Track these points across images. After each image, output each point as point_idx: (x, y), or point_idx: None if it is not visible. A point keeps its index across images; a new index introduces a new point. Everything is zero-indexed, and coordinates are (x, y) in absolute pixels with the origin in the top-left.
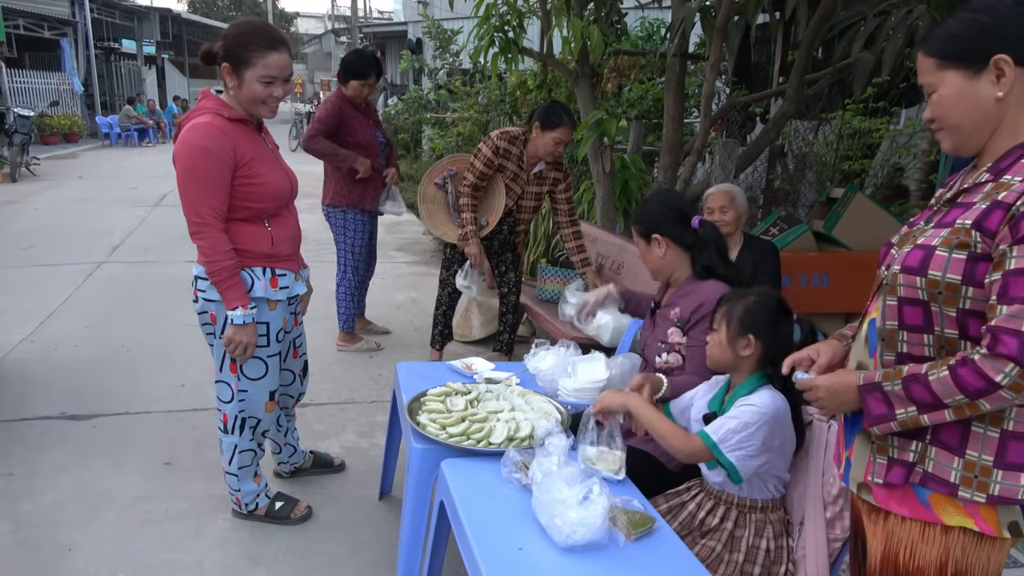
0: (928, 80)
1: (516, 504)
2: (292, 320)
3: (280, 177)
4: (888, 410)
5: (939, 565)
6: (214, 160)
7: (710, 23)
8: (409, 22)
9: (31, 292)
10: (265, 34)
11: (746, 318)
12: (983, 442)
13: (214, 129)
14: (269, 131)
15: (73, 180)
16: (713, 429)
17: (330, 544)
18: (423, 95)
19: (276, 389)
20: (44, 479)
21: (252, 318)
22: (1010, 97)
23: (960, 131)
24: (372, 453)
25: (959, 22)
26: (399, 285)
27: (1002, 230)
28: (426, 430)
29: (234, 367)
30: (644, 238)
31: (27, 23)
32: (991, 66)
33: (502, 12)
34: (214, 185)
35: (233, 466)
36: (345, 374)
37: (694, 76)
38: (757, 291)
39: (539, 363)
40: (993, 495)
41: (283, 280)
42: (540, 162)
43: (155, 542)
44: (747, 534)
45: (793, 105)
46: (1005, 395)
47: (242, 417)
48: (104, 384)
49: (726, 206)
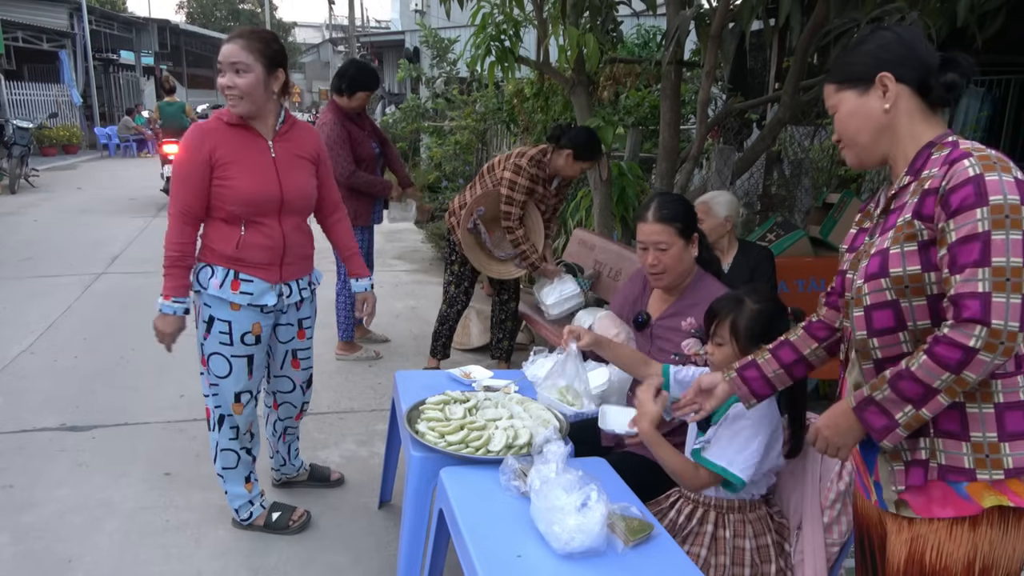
0: (831, 103)
1: (515, 511)
2: (274, 329)
3: (259, 184)
4: (888, 419)
5: (967, 562)
6: (188, 158)
7: (705, 30)
8: (406, 31)
9: (30, 304)
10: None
11: (756, 328)
12: (982, 421)
13: (198, 130)
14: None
15: (72, 191)
16: (716, 454)
17: (330, 554)
18: (421, 104)
19: (243, 392)
20: (44, 491)
21: (175, 311)
22: (896, 109)
23: (858, 143)
24: (371, 462)
25: (852, 53)
26: (398, 294)
27: (937, 211)
28: (425, 438)
29: (204, 360)
30: (685, 237)
31: (26, 35)
32: (877, 83)
33: (498, 21)
34: (182, 180)
35: (217, 465)
36: (344, 383)
37: (690, 83)
38: (749, 295)
39: (537, 371)
40: (1009, 468)
41: (247, 286)
42: (557, 177)
43: (155, 553)
44: (727, 535)
45: (788, 111)
46: (983, 358)
47: (219, 412)
48: (104, 395)
49: (701, 217)
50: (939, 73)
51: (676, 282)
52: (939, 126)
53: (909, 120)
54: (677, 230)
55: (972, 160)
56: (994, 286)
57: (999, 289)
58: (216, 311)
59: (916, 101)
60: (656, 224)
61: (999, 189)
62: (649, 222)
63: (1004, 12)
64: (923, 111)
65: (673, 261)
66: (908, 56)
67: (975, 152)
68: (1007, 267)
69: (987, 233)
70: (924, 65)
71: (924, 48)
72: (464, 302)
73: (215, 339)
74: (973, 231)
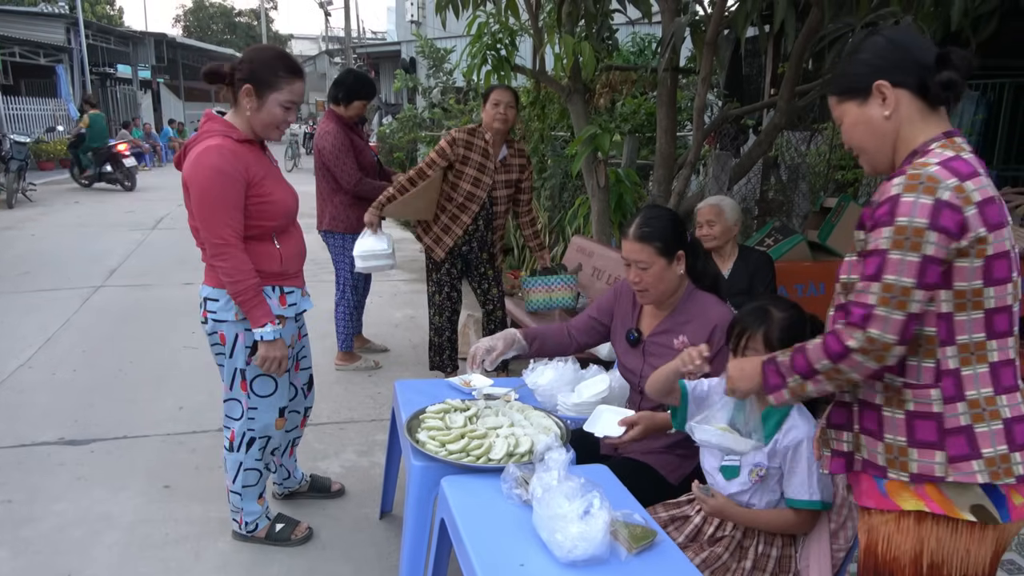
0: (836, 115)
1: (517, 520)
2: (296, 335)
3: (288, 194)
4: (780, 380)
5: (914, 555)
6: (230, 181)
7: (700, 37)
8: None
9: (28, 318)
10: (291, 61)
11: (788, 337)
12: (894, 424)
13: (227, 151)
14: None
15: (70, 205)
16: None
17: (332, 565)
18: (417, 114)
19: (286, 406)
20: (43, 505)
21: (280, 333)
22: (897, 115)
23: (866, 151)
24: (372, 472)
25: (848, 64)
26: (396, 303)
27: (868, 224)
28: (425, 447)
29: (244, 385)
30: (666, 256)
31: (23, 50)
32: (874, 91)
33: (494, 31)
34: (232, 206)
35: (237, 484)
36: (344, 393)
37: (686, 90)
38: (772, 305)
39: (538, 378)
40: (913, 472)
41: (291, 297)
42: (503, 148)
43: (155, 566)
44: (755, 543)
45: (784, 116)
46: (857, 358)
47: (250, 436)
48: (102, 408)
49: (713, 220)
50: (935, 72)
51: (661, 299)
52: (939, 126)
53: (910, 123)
54: (657, 249)
55: (902, 179)
56: (880, 300)
57: (884, 303)
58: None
59: (917, 103)
60: (636, 243)
61: (909, 211)
62: (630, 239)
63: (998, 15)
64: (924, 112)
65: (654, 279)
66: (903, 60)
67: (916, 169)
68: (896, 285)
69: (885, 251)
70: (920, 66)
71: (919, 47)
72: (451, 307)
73: None
74: (877, 247)
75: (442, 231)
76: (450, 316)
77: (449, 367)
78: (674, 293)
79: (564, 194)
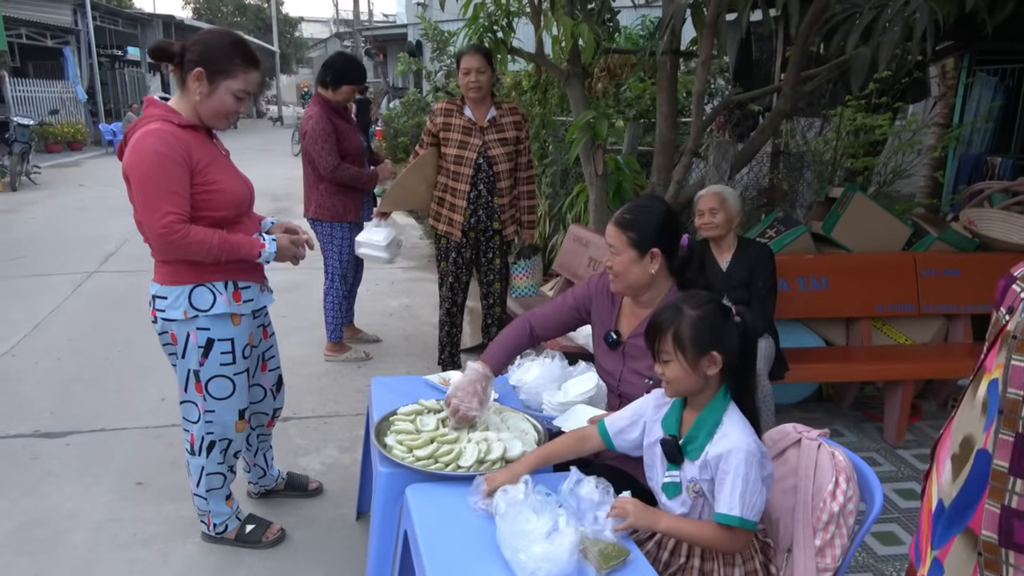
0: None
1: (482, 534)
2: (260, 333)
3: (238, 183)
4: None
5: None
6: (171, 163)
7: (701, 19)
8: (410, 25)
9: (17, 304)
10: (248, 49)
11: (700, 336)
12: None
13: (167, 134)
14: (220, 138)
15: (74, 188)
16: (720, 503)
17: (302, 569)
18: (422, 98)
19: (246, 408)
20: (9, 503)
21: (274, 247)
22: None
23: None
24: (353, 470)
25: None
26: (393, 291)
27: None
28: (392, 453)
29: (200, 387)
30: (638, 249)
31: (30, 32)
32: None
33: (490, 12)
34: (175, 191)
35: (201, 488)
36: (332, 385)
37: (693, 74)
38: (687, 302)
39: (523, 375)
40: None
41: (247, 292)
42: (491, 109)
43: (120, 568)
44: (716, 566)
45: (789, 102)
46: None
47: (210, 439)
48: (83, 399)
49: (716, 208)
50: None
51: (629, 291)
52: None
53: None
54: (630, 240)
55: None
56: None
57: None
58: (216, 331)
59: None
60: (613, 226)
61: None
62: (612, 222)
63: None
64: None
65: (621, 268)
66: None
67: None
68: None
69: None
70: None
71: None
72: (453, 300)
73: (215, 362)
74: None
75: (449, 210)
76: (449, 309)
77: (449, 367)
78: (647, 290)
79: (567, 182)
